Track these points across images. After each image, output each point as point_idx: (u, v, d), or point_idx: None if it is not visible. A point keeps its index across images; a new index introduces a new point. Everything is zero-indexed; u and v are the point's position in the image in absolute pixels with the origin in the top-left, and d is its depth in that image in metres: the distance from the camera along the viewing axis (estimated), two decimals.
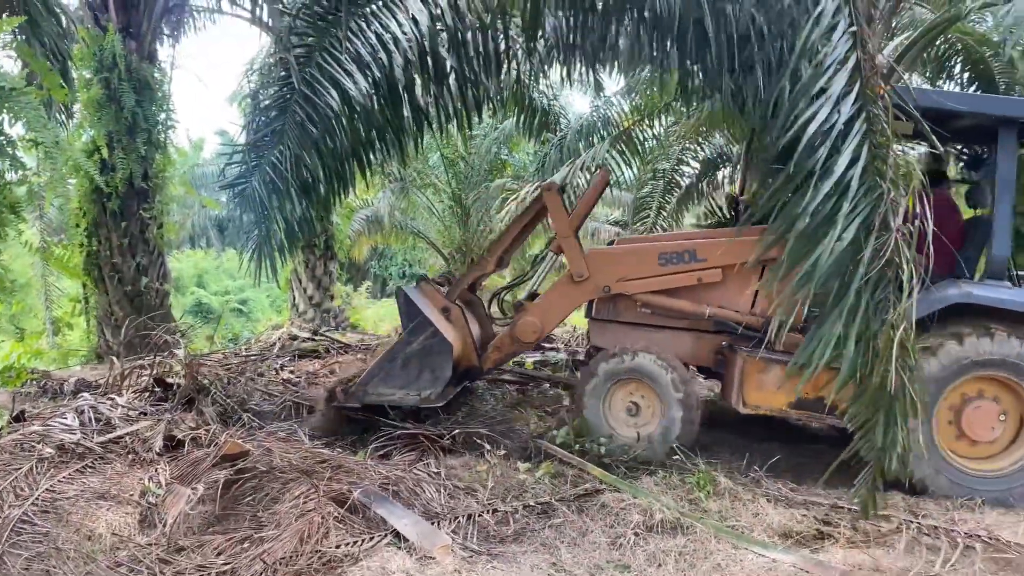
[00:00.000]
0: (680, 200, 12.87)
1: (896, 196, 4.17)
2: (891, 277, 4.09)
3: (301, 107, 5.15)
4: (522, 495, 4.97)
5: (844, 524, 4.70)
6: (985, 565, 4.12)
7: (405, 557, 3.92)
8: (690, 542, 4.44)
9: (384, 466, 5.06)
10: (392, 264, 33.21)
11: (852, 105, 4.20)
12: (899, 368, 4.00)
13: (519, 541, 4.46)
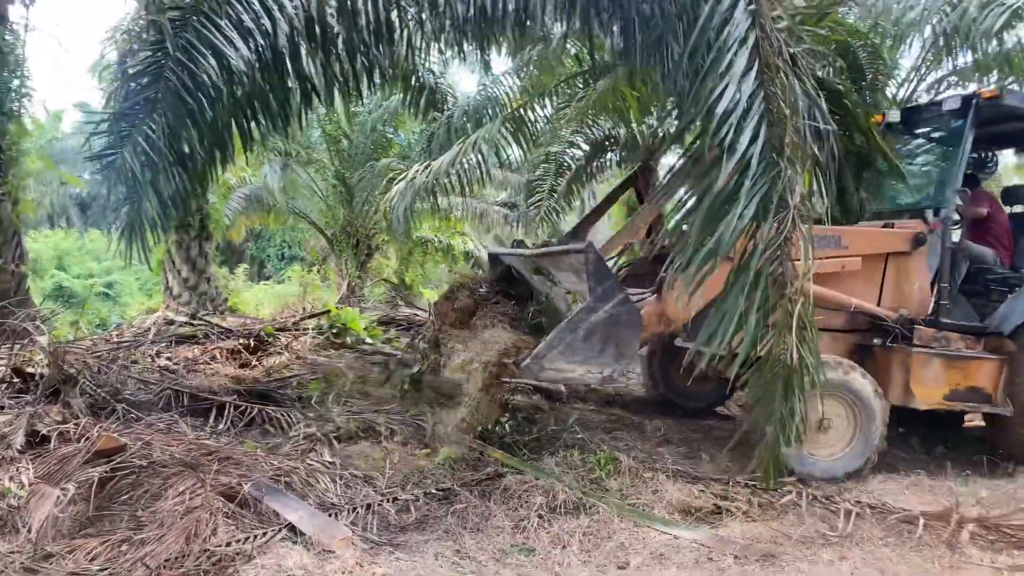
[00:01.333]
0: (570, 182, 12.91)
1: (793, 174, 4.23)
2: (789, 253, 4.16)
3: (176, 74, 4.73)
4: (422, 482, 4.81)
5: (741, 499, 4.80)
6: (877, 530, 4.29)
7: (302, 552, 3.68)
8: (593, 522, 4.41)
9: (275, 457, 4.76)
10: (270, 245, 32.03)
11: (752, 83, 4.23)
12: (797, 342, 4.08)
13: (421, 529, 4.30)
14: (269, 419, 5.59)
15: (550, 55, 10.72)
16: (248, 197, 16.08)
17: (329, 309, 8.34)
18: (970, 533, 4.15)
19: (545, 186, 13.38)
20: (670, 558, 4.08)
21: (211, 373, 6.69)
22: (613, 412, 6.53)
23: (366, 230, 17.55)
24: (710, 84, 4.15)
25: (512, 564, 3.98)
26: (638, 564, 4.01)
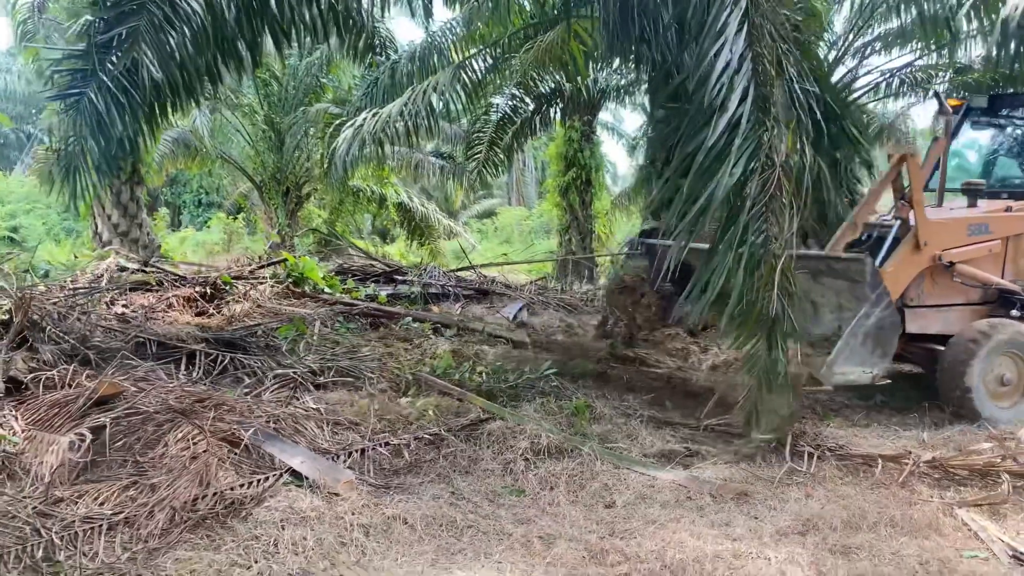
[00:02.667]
0: (514, 135, 12.93)
1: (779, 133, 4.44)
2: (775, 209, 4.37)
3: (159, 7, 4.55)
4: (409, 427, 4.90)
5: (711, 442, 5.09)
6: (838, 470, 4.64)
7: (310, 495, 3.75)
8: (577, 465, 4.60)
9: (259, 404, 4.76)
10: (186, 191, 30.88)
11: (743, 44, 4.38)
12: (780, 294, 4.33)
13: (415, 473, 4.42)
14: (242, 366, 5.55)
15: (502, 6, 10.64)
16: (176, 141, 15.43)
17: (286, 258, 8.23)
18: (921, 472, 4.54)
19: (485, 138, 13.36)
20: (653, 497, 4.31)
21: (169, 321, 6.55)
22: (576, 361, 6.73)
23: (297, 177, 17.16)
24: (706, 46, 4.29)
25: (505, 504, 4.14)
26: (624, 503, 4.22)
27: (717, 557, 3.46)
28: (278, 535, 3.36)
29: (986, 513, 4.12)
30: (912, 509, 4.14)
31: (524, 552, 3.51)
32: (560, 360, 6.46)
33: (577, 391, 5.78)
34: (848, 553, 3.61)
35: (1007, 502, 4.18)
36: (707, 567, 3.37)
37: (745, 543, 3.65)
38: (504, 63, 12.12)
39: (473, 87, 11.03)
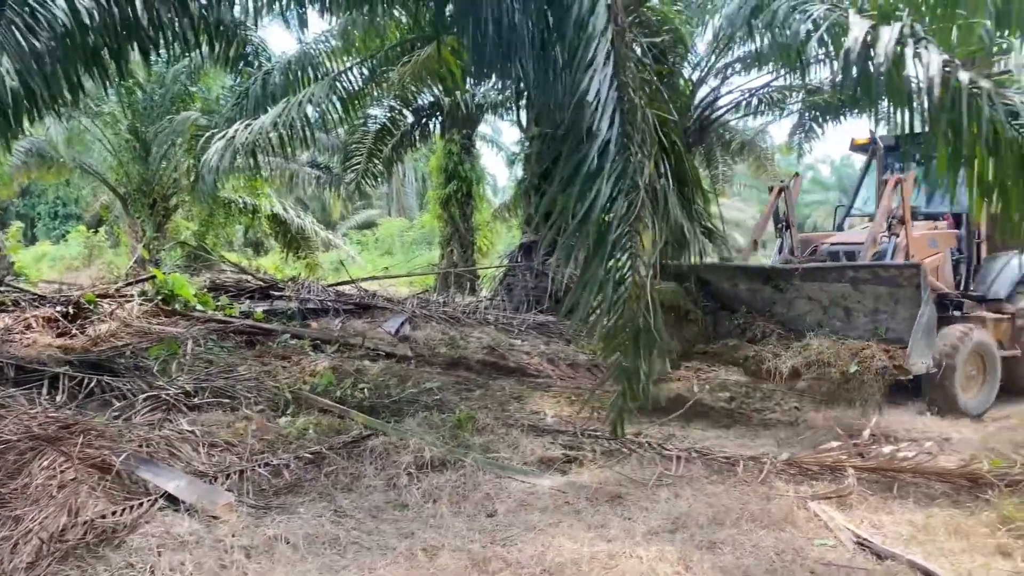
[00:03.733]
0: (394, 147, 12.93)
1: (642, 157, 4.70)
2: (639, 228, 4.63)
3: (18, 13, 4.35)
4: (289, 446, 4.86)
5: (587, 449, 5.31)
6: (704, 471, 4.94)
7: (187, 519, 3.67)
8: (460, 476, 4.71)
9: (133, 429, 4.61)
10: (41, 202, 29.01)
11: (610, 73, 4.63)
12: (646, 306, 4.59)
13: (297, 492, 4.40)
14: (110, 389, 5.34)
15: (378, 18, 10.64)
16: (28, 151, 14.49)
17: (155, 275, 7.91)
18: (778, 470, 4.91)
19: (364, 150, 13.29)
20: (533, 504, 4.47)
21: (29, 343, 6.20)
22: (459, 374, 6.84)
23: (164, 189, 16.48)
24: (578, 74, 4.50)
25: (389, 519, 4.19)
26: (505, 511, 4.35)
27: (593, 558, 3.63)
28: (155, 562, 3.28)
29: (835, 505, 4.50)
30: (770, 504, 4.46)
31: (408, 565, 3.57)
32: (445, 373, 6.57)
33: (460, 403, 5.88)
34: (713, 548, 3.87)
35: (853, 494, 4.57)
36: (584, 568, 3.53)
37: (619, 543, 3.85)
38: (382, 75, 12.12)
39: (350, 98, 10.95)
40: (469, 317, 8.84)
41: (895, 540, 4.05)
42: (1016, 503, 4.27)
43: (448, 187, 15.28)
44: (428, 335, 7.81)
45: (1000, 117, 5.19)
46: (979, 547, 3.94)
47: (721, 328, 6.67)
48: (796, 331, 6.31)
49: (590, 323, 4.76)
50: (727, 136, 19.23)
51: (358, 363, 6.72)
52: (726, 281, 6.82)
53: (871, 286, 6.11)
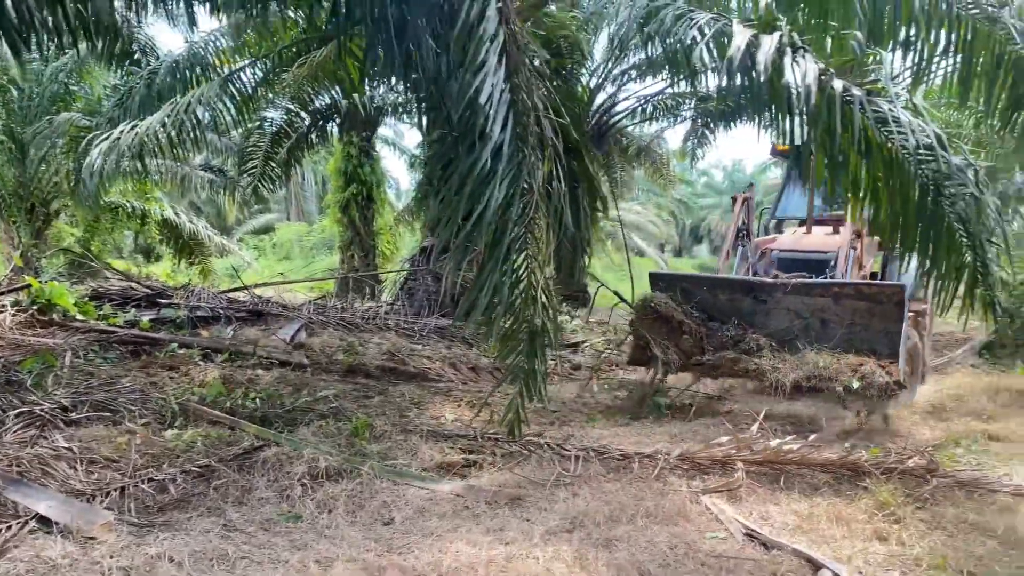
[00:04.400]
0: (291, 150, 12.63)
1: (535, 160, 4.74)
2: (534, 232, 4.67)
3: None
4: (176, 460, 4.65)
5: (487, 452, 5.30)
6: (602, 469, 5.01)
7: (61, 542, 3.45)
8: (356, 485, 4.62)
9: (2, 447, 4.31)
10: None
11: (502, 76, 4.64)
12: (541, 307, 4.62)
13: (183, 508, 4.21)
14: None
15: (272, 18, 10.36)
16: None
17: (30, 283, 7.43)
18: (672, 466, 5.03)
19: (260, 152, 12.94)
20: (431, 510, 4.43)
21: None
22: (358, 381, 6.72)
23: (43, 193, 15.57)
24: (469, 77, 4.49)
25: (281, 532, 4.06)
26: (402, 519, 4.30)
27: (490, 562, 3.62)
28: None
29: (726, 498, 4.64)
30: (664, 499, 4.56)
31: None
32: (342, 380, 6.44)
33: (357, 410, 5.77)
34: (609, 545, 3.92)
35: (742, 486, 4.73)
36: (480, 572, 3.52)
37: (517, 545, 3.85)
38: (277, 76, 11.81)
39: (243, 100, 10.62)
40: (368, 323, 8.71)
41: (782, 530, 4.21)
42: (891, 489, 4.51)
43: (348, 190, 15.04)
44: (325, 342, 7.64)
45: (871, 123, 5.49)
46: (858, 532, 4.14)
47: (714, 340, 6.81)
48: (776, 340, 6.62)
49: (487, 325, 4.76)
50: (625, 142, 19.69)
51: (250, 372, 6.51)
52: (708, 292, 7.04)
53: (852, 300, 6.50)
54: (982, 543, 3.97)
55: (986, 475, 4.86)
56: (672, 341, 6.77)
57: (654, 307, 6.82)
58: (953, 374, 8.99)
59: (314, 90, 12.07)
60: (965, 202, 5.50)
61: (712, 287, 7.10)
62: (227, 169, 16.26)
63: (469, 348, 8.34)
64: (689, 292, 7.03)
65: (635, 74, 16.00)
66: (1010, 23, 7.45)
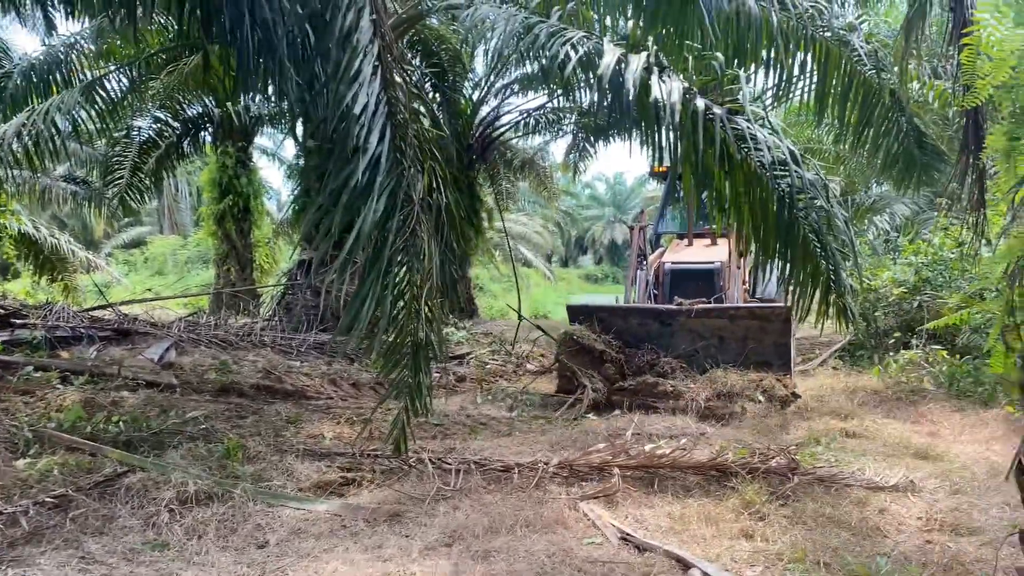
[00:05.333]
0: (160, 160, 12.08)
1: (415, 172, 4.73)
2: (415, 243, 4.64)
3: None
4: (28, 491, 4.34)
5: (366, 469, 5.22)
6: (482, 481, 5.02)
7: None
8: (228, 509, 4.45)
9: None
10: None
11: (378, 88, 4.61)
12: (425, 320, 4.60)
13: (36, 542, 3.93)
14: None
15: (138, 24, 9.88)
16: None
17: None
18: (552, 474, 5.10)
19: (127, 162, 12.34)
20: (307, 531, 4.32)
21: None
22: (231, 400, 6.47)
23: None
24: (342, 87, 4.43)
25: (145, 561, 3.86)
26: (277, 541, 4.17)
27: None
28: None
29: (603, 503, 4.75)
30: (543, 508, 4.62)
31: None
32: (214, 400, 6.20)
33: (230, 431, 5.57)
34: (487, 556, 3.93)
35: (619, 492, 4.85)
36: None
37: (394, 562, 3.81)
38: (145, 84, 11.30)
39: (108, 108, 10.09)
40: (243, 340, 8.41)
41: (655, 532, 4.34)
42: (756, 488, 4.73)
43: (223, 202, 14.52)
44: (196, 361, 7.33)
45: (731, 140, 5.77)
46: (727, 531, 4.32)
47: (632, 365, 7.43)
48: (680, 357, 7.43)
49: (369, 339, 4.69)
50: (509, 154, 19.94)
51: (114, 395, 6.16)
52: (621, 319, 7.76)
53: (745, 320, 7.33)
54: (838, 535, 4.22)
55: (842, 471, 5.18)
56: (596, 370, 7.34)
57: (577, 340, 7.35)
58: (816, 376, 9.53)
59: (185, 98, 11.60)
60: (817, 214, 5.86)
61: (624, 315, 7.77)
62: (92, 180, 15.40)
63: (351, 364, 8.19)
64: (605, 320, 7.63)
65: (517, 88, 16.26)
66: (859, 46, 8.02)
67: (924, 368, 8.41)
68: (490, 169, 18.59)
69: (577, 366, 7.40)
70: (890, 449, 5.96)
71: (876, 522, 4.42)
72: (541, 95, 16.02)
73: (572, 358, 7.45)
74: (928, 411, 7.17)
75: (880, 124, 8.24)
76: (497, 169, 19.23)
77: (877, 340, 9.88)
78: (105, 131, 10.93)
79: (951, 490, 4.95)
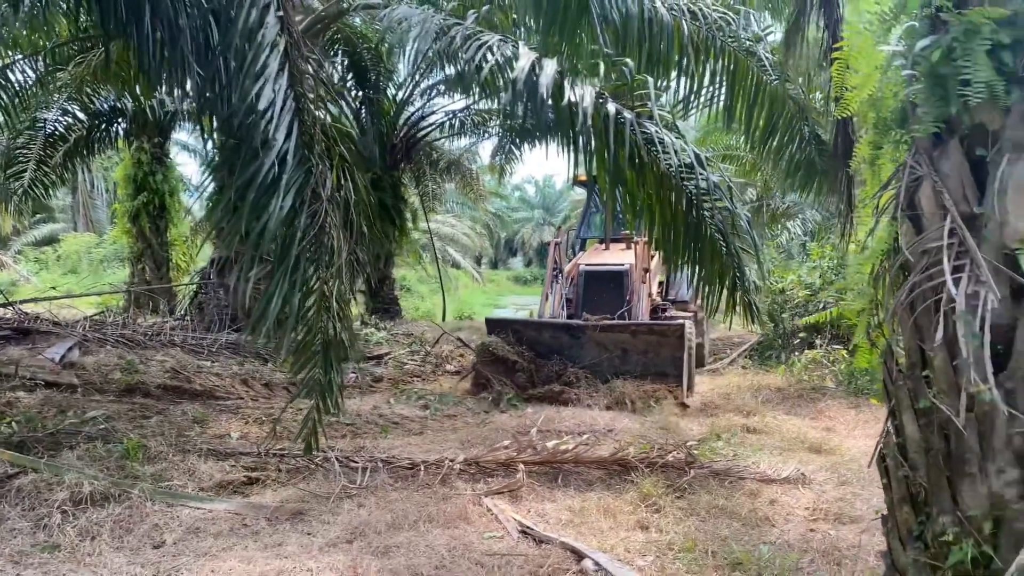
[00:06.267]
0: (66, 154, 11.66)
1: (324, 169, 4.71)
2: (323, 240, 4.62)
3: None
4: None
5: (272, 468, 5.19)
6: (389, 479, 5.05)
7: None
8: (125, 509, 4.39)
9: None
10: None
11: (285, 84, 4.58)
12: (335, 318, 4.59)
13: None
14: None
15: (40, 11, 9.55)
16: None
17: None
18: (460, 471, 5.16)
19: (32, 156, 11.86)
20: (206, 530, 4.28)
21: None
22: (135, 401, 6.32)
23: None
24: (247, 84, 4.39)
25: (35, 563, 3.78)
26: (174, 540, 4.13)
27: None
28: None
29: (508, 498, 4.83)
30: (447, 504, 4.68)
31: None
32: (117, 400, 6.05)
33: (131, 431, 5.45)
34: (388, 552, 3.97)
35: (523, 487, 4.94)
36: None
37: (293, 560, 3.81)
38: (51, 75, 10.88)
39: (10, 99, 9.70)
40: (153, 339, 8.20)
41: (556, 525, 4.45)
42: (653, 481, 4.89)
43: (138, 199, 14.10)
44: (101, 360, 7.13)
45: (640, 144, 5.94)
46: (624, 523, 4.45)
47: (542, 373, 8.01)
48: (588, 367, 8.02)
49: (278, 338, 4.65)
50: (435, 155, 19.89)
51: (10, 395, 5.96)
52: (535, 332, 8.41)
53: (645, 335, 8.02)
54: (729, 525, 4.40)
55: (738, 464, 5.39)
56: (508, 377, 8.00)
57: (492, 351, 8.05)
58: (726, 374, 9.86)
59: (95, 91, 11.23)
60: (722, 215, 6.08)
61: (538, 328, 8.45)
62: None
63: (264, 363, 8.08)
64: (519, 332, 8.33)
65: (444, 89, 16.23)
66: (765, 57, 8.32)
67: (826, 367, 8.79)
68: (415, 170, 18.51)
69: (492, 374, 8.01)
70: (786, 444, 6.22)
71: (766, 512, 4.62)
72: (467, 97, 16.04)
73: (487, 367, 8.09)
74: (826, 407, 7.50)
75: (784, 132, 8.55)
76: (423, 170, 19.15)
77: (784, 340, 10.26)
78: (8, 124, 10.49)
79: (839, 481, 5.20)
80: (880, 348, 3.06)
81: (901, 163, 2.89)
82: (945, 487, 2.64)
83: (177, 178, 15.30)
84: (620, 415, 7.07)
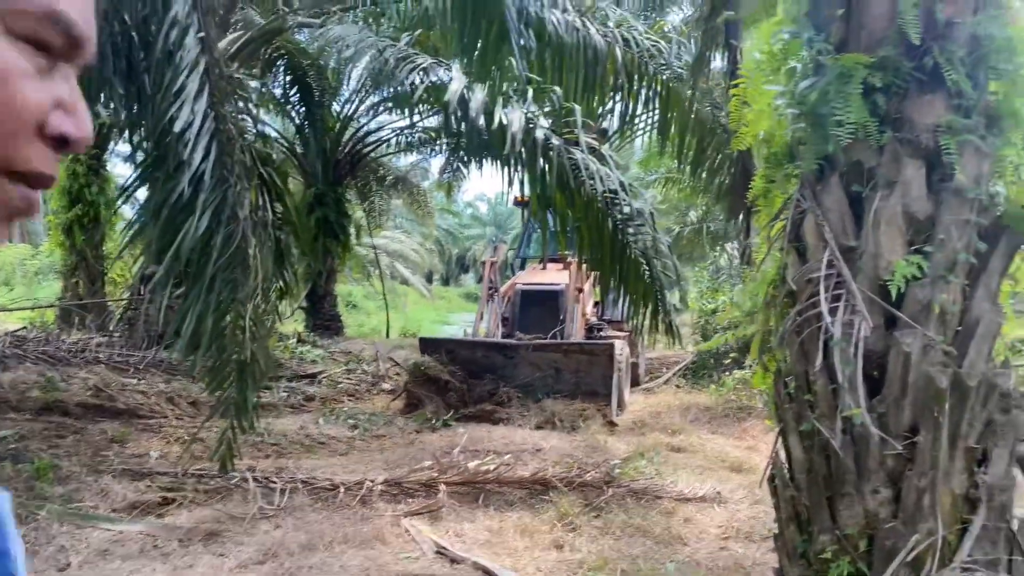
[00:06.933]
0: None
1: (242, 189, 4.72)
2: (241, 260, 4.62)
3: None
4: None
5: (188, 488, 5.12)
6: (308, 499, 5.02)
7: None
8: (31, 531, 4.29)
9: None
10: None
11: (204, 104, 4.59)
12: (251, 339, 4.58)
13: None
14: None
15: None
16: None
17: None
18: (381, 491, 5.16)
19: None
20: (114, 552, 4.21)
21: None
22: (53, 419, 6.18)
23: None
24: (165, 104, 4.39)
25: None
26: (80, 563, 4.05)
27: None
28: None
29: (427, 519, 4.85)
30: (365, 525, 4.67)
31: None
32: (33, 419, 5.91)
33: (44, 451, 5.33)
34: (299, 573, 3.95)
35: (443, 507, 4.96)
36: None
37: None
38: None
39: None
40: (76, 356, 8.03)
41: (473, 544, 4.47)
42: (571, 501, 4.96)
43: (72, 211, 13.79)
44: (19, 377, 6.95)
45: (567, 169, 6.07)
46: (539, 542, 4.50)
47: (474, 393, 8.05)
48: (521, 386, 8.10)
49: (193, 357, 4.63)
50: (381, 171, 19.87)
51: None
52: (468, 351, 8.44)
53: (576, 355, 8.12)
54: (642, 543, 4.49)
55: (656, 483, 5.49)
56: (441, 397, 8.01)
57: (424, 371, 8.07)
58: (659, 393, 10.01)
59: None
60: (645, 240, 6.23)
61: (471, 347, 8.47)
62: None
63: (192, 382, 7.96)
64: (453, 352, 8.34)
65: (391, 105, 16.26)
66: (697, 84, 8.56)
67: (753, 387, 8.99)
68: (361, 185, 18.47)
69: (424, 393, 8.02)
70: (708, 462, 6.35)
71: (679, 531, 4.72)
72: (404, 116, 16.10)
73: (420, 387, 8.10)
74: (751, 427, 7.67)
75: (714, 157, 8.80)
76: (369, 185, 19.12)
77: (716, 360, 10.47)
78: None
79: (754, 500, 5.32)
80: (772, 371, 3.19)
81: (790, 196, 3.03)
82: (825, 506, 2.75)
83: (115, 190, 14.98)
84: (550, 434, 7.14)
